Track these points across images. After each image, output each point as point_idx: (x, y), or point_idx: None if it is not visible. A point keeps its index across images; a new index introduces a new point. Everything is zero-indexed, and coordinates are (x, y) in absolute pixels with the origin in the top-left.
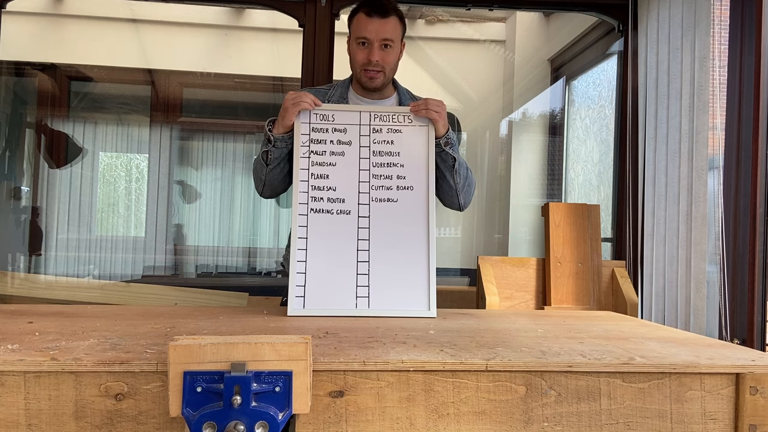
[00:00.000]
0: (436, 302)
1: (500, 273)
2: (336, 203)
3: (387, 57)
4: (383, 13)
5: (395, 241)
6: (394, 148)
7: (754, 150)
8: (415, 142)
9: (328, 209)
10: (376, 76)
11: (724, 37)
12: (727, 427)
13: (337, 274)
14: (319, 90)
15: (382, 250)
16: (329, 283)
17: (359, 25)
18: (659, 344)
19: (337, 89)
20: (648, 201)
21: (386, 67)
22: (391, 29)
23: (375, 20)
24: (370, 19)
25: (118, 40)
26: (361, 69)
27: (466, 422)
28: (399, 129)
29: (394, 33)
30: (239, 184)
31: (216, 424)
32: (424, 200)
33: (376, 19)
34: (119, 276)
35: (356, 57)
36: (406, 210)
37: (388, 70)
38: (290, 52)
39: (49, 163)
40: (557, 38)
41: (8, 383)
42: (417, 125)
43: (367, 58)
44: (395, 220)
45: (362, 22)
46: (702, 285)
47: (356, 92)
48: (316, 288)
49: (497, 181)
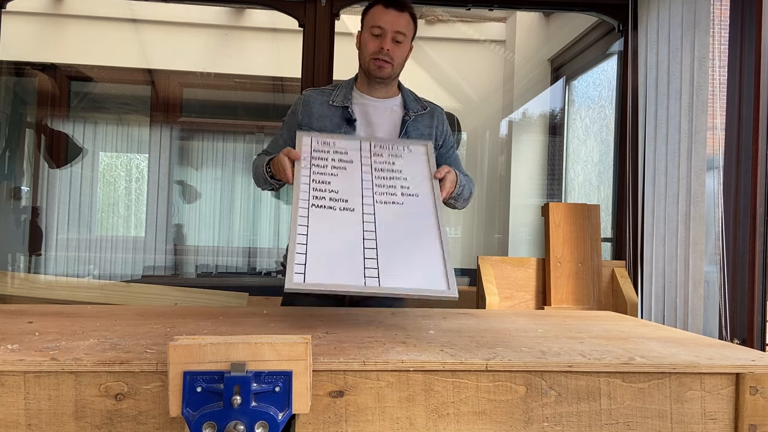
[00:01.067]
0: (455, 283)
1: (500, 273)
2: (339, 202)
3: (397, 50)
4: (400, 7)
5: (404, 227)
6: (396, 167)
7: (754, 150)
8: (416, 161)
9: (331, 206)
10: (385, 66)
11: (724, 37)
12: (727, 427)
13: (342, 248)
14: (323, 91)
15: (390, 231)
16: (334, 255)
17: (375, 15)
18: (659, 344)
19: (341, 89)
20: (648, 201)
21: (395, 60)
22: (404, 24)
23: (391, 12)
24: (387, 10)
25: (118, 40)
26: (371, 58)
27: (466, 422)
28: (400, 155)
29: (407, 28)
30: (239, 184)
31: (216, 424)
32: (431, 204)
33: (392, 11)
34: (119, 276)
35: (368, 46)
36: (413, 210)
37: (396, 63)
38: (290, 52)
39: (49, 163)
40: (557, 38)
41: (8, 383)
42: (417, 153)
43: (379, 46)
44: (402, 217)
45: (378, 13)
46: (700, 285)
47: (361, 90)
48: (318, 260)
49: (497, 181)
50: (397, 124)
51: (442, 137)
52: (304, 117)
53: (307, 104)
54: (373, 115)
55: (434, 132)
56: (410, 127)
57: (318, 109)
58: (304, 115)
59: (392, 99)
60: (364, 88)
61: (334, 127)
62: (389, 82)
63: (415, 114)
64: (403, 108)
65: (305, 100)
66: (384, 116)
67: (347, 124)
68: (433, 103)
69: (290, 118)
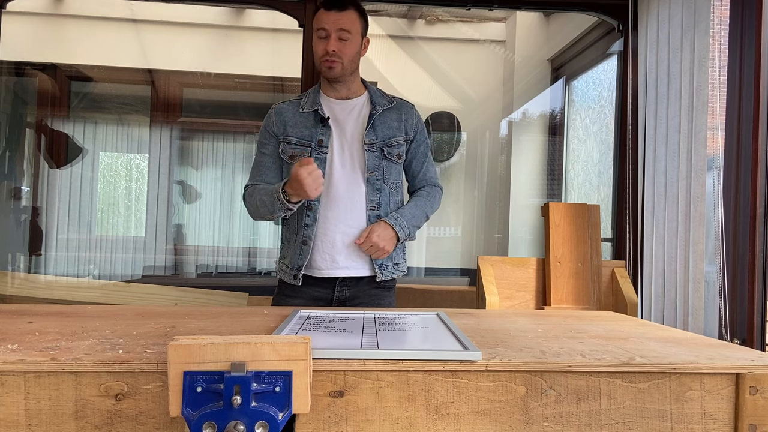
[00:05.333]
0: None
1: (500, 273)
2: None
3: (344, 48)
4: (340, 7)
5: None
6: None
7: (754, 150)
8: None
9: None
10: (333, 65)
11: (724, 37)
12: (727, 427)
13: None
14: (292, 101)
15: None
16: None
17: (319, 18)
18: (659, 344)
19: (308, 96)
20: (648, 201)
21: (344, 58)
22: (347, 21)
23: (332, 13)
24: (328, 12)
25: (118, 40)
26: (321, 60)
27: (466, 422)
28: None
29: (351, 25)
30: (239, 184)
31: (216, 424)
32: None
33: (333, 12)
34: (119, 276)
35: (316, 49)
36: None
37: (346, 61)
38: (290, 52)
39: (49, 163)
40: (557, 38)
41: (8, 383)
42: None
43: (324, 48)
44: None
45: (321, 15)
46: (700, 285)
47: (326, 94)
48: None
49: (497, 181)
50: (364, 120)
51: (413, 131)
52: (279, 127)
53: (279, 114)
54: (339, 114)
55: (404, 125)
56: (377, 121)
57: (291, 118)
58: (279, 125)
59: (358, 98)
60: (328, 90)
61: (309, 130)
62: (346, 79)
63: (382, 108)
64: (369, 104)
65: (277, 111)
66: (351, 115)
67: (321, 125)
68: (402, 98)
69: (264, 136)
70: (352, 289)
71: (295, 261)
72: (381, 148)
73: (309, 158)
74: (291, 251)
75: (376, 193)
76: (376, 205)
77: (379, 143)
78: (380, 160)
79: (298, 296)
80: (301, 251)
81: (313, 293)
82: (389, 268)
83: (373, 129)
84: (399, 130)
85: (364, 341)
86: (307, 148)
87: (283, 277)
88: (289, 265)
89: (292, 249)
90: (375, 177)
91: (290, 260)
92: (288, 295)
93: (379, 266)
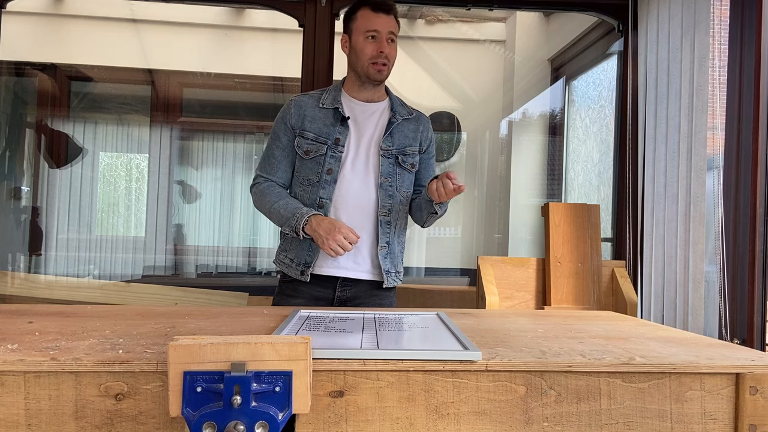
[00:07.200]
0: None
1: (500, 273)
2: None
3: (392, 51)
4: (388, 10)
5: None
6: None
7: (754, 150)
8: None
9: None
10: (383, 69)
11: (724, 37)
12: (727, 427)
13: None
14: (311, 95)
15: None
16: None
17: (368, 20)
18: (659, 344)
19: (329, 93)
20: (648, 201)
21: (390, 60)
22: (395, 25)
23: (382, 16)
24: (378, 15)
25: (118, 40)
26: (369, 62)
27: (466, 422)
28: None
29: (396, 29)
30: (239, 184)
31: (216, 424)
32: None
33: (383, 15)
34: (119, 276)
35: (365, 50)
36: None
37: (391, 64)
38: (290, 52)
39: (49, 163)
40: (557, 38)
41: (8, 383)
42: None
43: (377, 50)
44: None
45: (371, 17)
46: (700, 285)
47: (350, 94)
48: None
49: (497, 181)
50: (383, 127)
51: (426, 143)
52: (297, 120)
53: (299, 107)
54: (359, 116)
55: (419, 137)
56: (395, 129)
57: (310, 112)
58: (297, 118)
59: (380, 102)
60: (354, 91)
61: (327, 127)
62: (384, 81)
63: (402, 117)
64: (390, 111)
65: (296, 103)
66: (371, 119)
67: (340, 124)
68: (419, 111)
69: (279, 127)
70: (354, 289)
71: (302, 257)
72: (396, 155)
73: (357, 237)
74: (297, 246)
75: (389, 199)
76: (388, 211)
77: (394, 150)
78: (394, 167)
79: (299, 296)
80: (310, 248)
81: (315, 293)
82: (393, 275)
83: (391, 136)
84: (415, 140)
85: (364, 341)
86: (324, 146)
87: (287, 270)
88: (294, 260)
89: (297, 244)
90: (388, 183)
91: (296, 255)
92: (289, 295)
93: (386, 273)
